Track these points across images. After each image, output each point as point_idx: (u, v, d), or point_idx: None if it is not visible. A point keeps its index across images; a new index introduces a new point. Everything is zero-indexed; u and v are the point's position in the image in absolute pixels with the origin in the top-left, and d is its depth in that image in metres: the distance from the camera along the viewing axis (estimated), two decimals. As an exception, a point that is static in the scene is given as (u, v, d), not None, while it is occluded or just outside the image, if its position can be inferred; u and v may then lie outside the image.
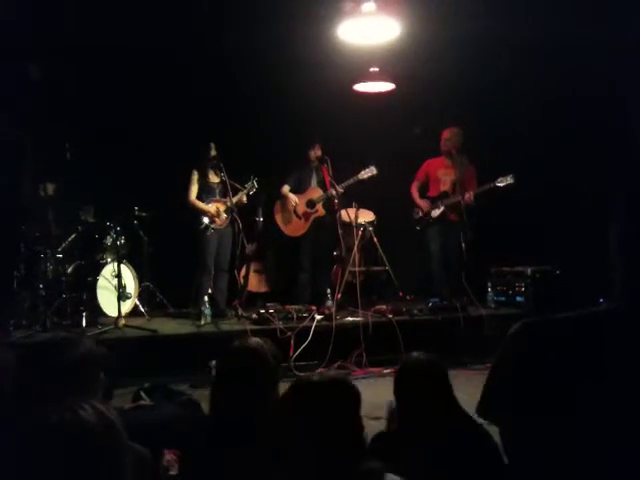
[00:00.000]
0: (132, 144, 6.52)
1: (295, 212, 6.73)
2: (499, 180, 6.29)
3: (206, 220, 6.15)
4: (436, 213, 6.61)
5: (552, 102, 6.37)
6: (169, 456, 2.57)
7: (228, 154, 6.23)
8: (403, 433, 2.08)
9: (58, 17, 5.66)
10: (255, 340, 2.23)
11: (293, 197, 6.73)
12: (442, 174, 6.66)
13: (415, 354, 2.22)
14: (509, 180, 6.24)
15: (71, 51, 6.10)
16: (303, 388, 1.55)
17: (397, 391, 2.14)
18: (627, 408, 1.12)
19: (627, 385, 1.13)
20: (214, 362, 4.57)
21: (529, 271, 6.51)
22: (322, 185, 6.70)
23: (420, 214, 6.73)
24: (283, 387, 2.24)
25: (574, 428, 1.15)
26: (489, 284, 6.76)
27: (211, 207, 6.19)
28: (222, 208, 6.23)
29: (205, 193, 6.27)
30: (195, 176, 6.26)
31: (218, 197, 6.28)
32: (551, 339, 1.22)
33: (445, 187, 6.62)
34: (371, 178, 6.55)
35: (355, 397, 1.55)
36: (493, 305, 6.58)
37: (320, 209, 6.70)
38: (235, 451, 1.92)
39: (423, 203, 6.71)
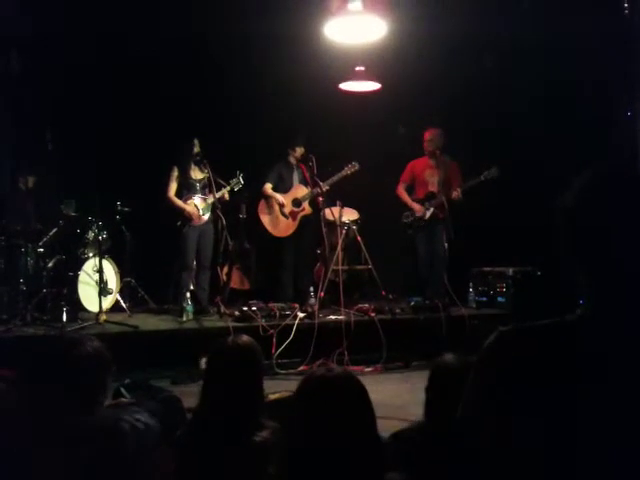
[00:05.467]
0: (116, 138, 6.47)
1: (282, 212, 6.64)
2: (484, 174, 6.30)
3: (182, 218, 6.12)
4: (427, 215, 6.56)
5: (539, 101, 6.42)
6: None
7: (210, 151, 6.19)
8: (432, 431, 2.09)
9: (43, 8, 5.61)
10: (246, 337, 2.22)
11: (280, 197, 6.63)
12: (428, 175, 6.63)
13: (449, 356, 2.24)
14: (494, 172, 6.26)
15: (55, 43, 6.04)
16: (318, 384, 1.55)
17: (430, 390, 2.16)
18: (604, 418, 1.12)
19: (604, 395, 1.13)
20: (204, 359, 4.58)
21: (510, 271, 6.55)
22: (304, 183, 6.67)
23: (410, 219, 6.65)
24: (266, 384, 2.25)
25: (552, 440, 1.15)
26: (471, 284, 6.80)
27: (188, 206, 6.14)
28: (202, 206, 6.18)
29: (185, 190, 6.20)
30: (175, 173, 6.18)
31: (199, 194, 6.23)
32: (527, 349, 1.21)
33: (433, 188, 6.58)
34: (354, 174, 6.55)
35: (365, 391, 1.57)
36: (474, 305, 6.62)
37: (307, 207, 6.65)
38: (222, 447, 1.91)
39: (417, 206, 6.62)
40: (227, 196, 6.27)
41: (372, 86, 6.84)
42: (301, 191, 6.68)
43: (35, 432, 1.66)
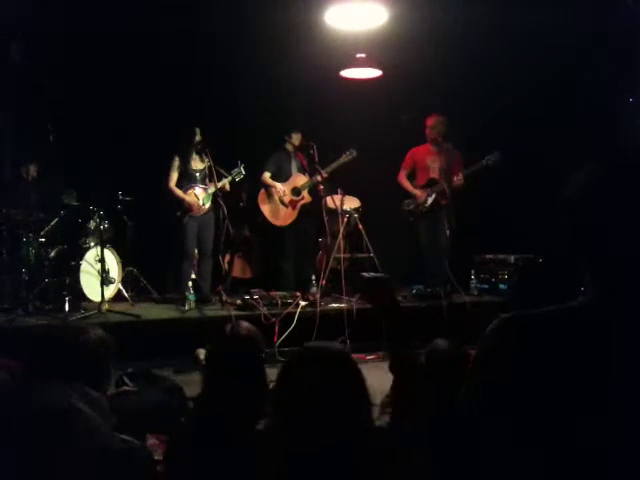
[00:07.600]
0: (117, 127, 6.45)
1: (281, 201, 6.63)
2: (486, 158, 6.27)
3: (182, 208, 6.11)
4: (429, 201, 6.54)
5: (540, 90, 6.39)
6: (152, 440, 2.57)
7: (212, 140, 6.17)
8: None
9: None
10: (247, 325, 2.21)
11: (280, 186, 6.61)
12: (430, 161, 6.59)
13: (440, 341, 2.22)
14: (496, 157, 6.23)
15: (56, 33, 6.01)
16: (307, 359, 1.55)
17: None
18: (607, 406, 1.12)
19: (605, 382, 1.13)
20: (201, 349, 4.59)
21: (512, 259, 6.55)
22: (302, 172, 6.66)
23: (411, 206, 6.62)
24: (268, 373, 2.25)
25: (552, 429, 1.15)
26: (473, 272, 6.79)
27: (188, 197, 6.12)
28: (202, 195, 6.16)
29: (186, 180, 6.19)
30: (176, 162, 6.17)
31: (200, 184, 6.22)
32: (528, 336, 1.21)
33: (434, 174, 6.55)
34: (353, 161, 6.53)
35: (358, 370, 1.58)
36: (476, 293, 6.61)
37: (306, 196, 6.65)
38: (224, 436, 1.92)
39: (420, 192, 6.59)
40: (228, 186, 6.26)
41: (373, 73, 6.80)
42: (300, 180, 6.66)
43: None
